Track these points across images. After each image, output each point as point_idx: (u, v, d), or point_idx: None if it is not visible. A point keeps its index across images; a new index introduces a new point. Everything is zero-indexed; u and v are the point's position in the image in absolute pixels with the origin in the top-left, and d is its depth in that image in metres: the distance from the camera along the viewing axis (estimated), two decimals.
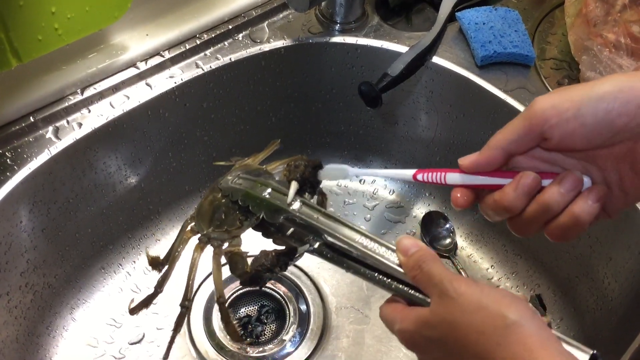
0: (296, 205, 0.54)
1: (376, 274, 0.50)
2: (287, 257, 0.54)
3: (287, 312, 0.81)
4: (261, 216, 0.55)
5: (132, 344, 0.78)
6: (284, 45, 0.81)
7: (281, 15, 0.84)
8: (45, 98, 0.72)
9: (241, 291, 0.82)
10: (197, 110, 0.81)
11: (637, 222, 0.69)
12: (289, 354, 0.78)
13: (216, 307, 0.81)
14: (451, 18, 0.83)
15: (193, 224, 0.62)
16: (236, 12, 0.82)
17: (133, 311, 0.67)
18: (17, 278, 0.71)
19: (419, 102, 0.85)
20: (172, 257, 0.63)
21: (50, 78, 0.72)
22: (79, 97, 0.73)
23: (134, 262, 0.84)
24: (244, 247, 0.61)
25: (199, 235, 0.61)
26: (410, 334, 0.46)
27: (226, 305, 0.61)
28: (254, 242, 0.58)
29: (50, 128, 0.71)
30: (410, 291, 0.48)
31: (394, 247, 0.48)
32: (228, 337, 0.68)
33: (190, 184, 0.87)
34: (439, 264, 0.45)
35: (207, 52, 0.79)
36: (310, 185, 0.56)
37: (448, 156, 0.87)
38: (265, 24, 0.83)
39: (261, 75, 0.82)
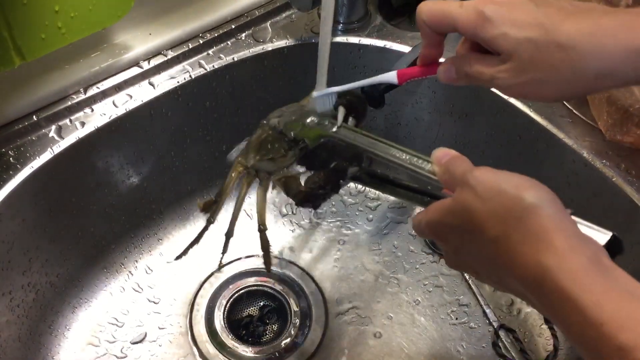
0: (334, 128, 0.58)
1: (411, 193, 0.53)
2: (337, 175, 0.58)
3: (289, 312, 0.81)
4: (305, 145, 0.59)
5: (134, 343, 0.78)
6: (287, 44, 0.81)
7: (284, 15, 0.84)
8: (48, 97, 0.72)
9: (243, 291, 0.83)
10: (200, 109, 0.81)
11: None
12: (290, 353, 0.78)
13: (217, 307, 0.81)
14: None
15: (242, 159, 0.64)
16: (239, 12, 0.82)
17: (184, 253, 0.71)
18: (20, 277, 0.71)
19: (421, 102, 0.85)
20: (223, 192, 0.65)
21: (53, 77, 0.72)
22: (82, 96, 0.73)
23: (136, 261, 0.85)
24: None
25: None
26: (434, 223, 0.47)
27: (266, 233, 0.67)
28: None
29: (53, 127, 0.72)
30: None
31: (428, 158, 0.51)
32: (264, 265, 0.71)
33: (193, 183, 0.87)
34: (464, 163, 0.47)
35: (210, 51, 0.80)
36: (355, 112, 0.60)
37: None
38: (268, 24, 0.83)
39: (264, 74, 0.82)
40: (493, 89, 0.78)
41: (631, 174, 0.70)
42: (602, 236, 0.43)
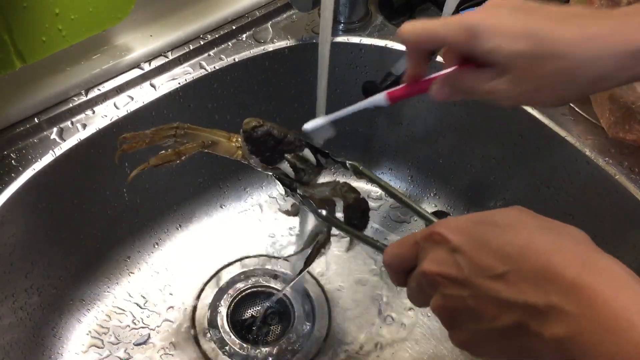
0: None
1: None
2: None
3: (292, 312, 0.81)
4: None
5: (137, 345, 0.78)
6: (288, 45, 0.81)
7: (285, 15, 0.84)
8: (49, 99, 0.72)
9: (246, 292, 0.83)
10: (202, 110, 0.81)
11: None
12: (293, 355, 0.78)
13: (220, 308, 0.81)
14: None
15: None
16: (240, 13, 0.82)
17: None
18: (22, 280, 0.71)
19: (423, 101, 0.85)
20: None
21: (55, 79, 0.72)
22: (83, 98, 0.73)
23: (139, 263, 0.85)
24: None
25: None
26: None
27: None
28: None
29: (55, 129, 0.72)
30: None
31: None
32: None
33: (195, 184, 0.87)
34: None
35: (211, 52, 0.79)
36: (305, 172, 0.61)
37: (452, 155, 0.87)
38: (269, 24, 0.83)
39: (265, 75, 0.82)
40: None
41: (634, 172, 0.69)
42: None
